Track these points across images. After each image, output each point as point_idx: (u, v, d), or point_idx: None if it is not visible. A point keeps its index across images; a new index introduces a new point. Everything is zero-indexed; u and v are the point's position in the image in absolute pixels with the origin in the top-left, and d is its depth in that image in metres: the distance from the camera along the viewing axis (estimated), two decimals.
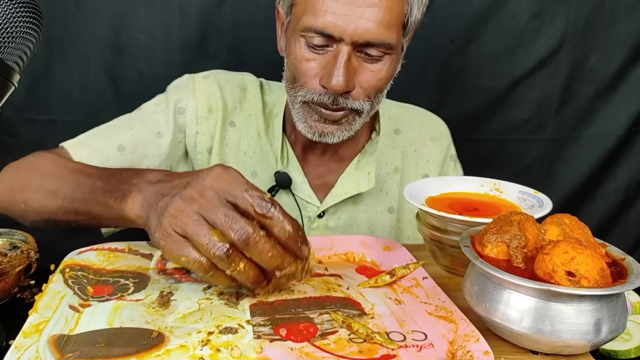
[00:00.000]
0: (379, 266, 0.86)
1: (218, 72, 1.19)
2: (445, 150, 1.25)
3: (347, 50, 0.94)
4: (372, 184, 1.14)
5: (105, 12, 1.49)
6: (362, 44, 0.94)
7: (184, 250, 0.66)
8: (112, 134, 1.08)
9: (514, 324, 0.63)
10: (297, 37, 0.98)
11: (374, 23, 0.93)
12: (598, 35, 1.67)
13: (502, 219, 0.70)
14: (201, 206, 0.67)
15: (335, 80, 0.94)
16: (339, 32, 0.93)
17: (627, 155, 1.80)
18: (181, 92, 1.14)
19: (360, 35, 0.93)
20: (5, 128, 1.53)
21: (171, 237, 0.67)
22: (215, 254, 0.65)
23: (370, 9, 0.92)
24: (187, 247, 0.66)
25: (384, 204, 1.19)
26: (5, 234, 0.81)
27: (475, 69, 1.68)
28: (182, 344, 0.62)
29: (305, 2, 0.96)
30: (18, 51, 0.61)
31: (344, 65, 0.94)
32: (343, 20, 0.92)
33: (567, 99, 1.73)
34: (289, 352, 0.61)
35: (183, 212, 0.67)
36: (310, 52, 0.97)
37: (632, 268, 0.63)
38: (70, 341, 0.62)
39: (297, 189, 1.15)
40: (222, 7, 1.52)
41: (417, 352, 0.63)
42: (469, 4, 1.62)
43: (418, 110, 1.28)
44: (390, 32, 0.95)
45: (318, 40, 0.95)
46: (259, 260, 0.66)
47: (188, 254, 0.66)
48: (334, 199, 1.14)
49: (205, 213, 0.66)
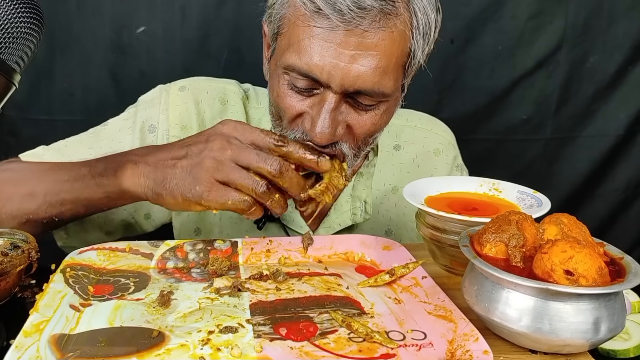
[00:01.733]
0: (378, 265, 0.86)
1: (197, 80, 1.10)
2: (451, 162, 1.16)
3: (334, 98, 0.82)
4: (368, 214, 1.06)
5: (107, 12, 1.50)
6: (352, 92, 0.83)
7: (229, 195, 0.76)
8: (69, 151, 1.01)
9: (513, 323, 0.63)
10: (281, 74, 0.86)
11: (367, 70, 0.80)
12: (597, 35, 1.68)
13: (500, 218, 0.70)
14: (233, 153, 0.76)
15: (319, 130, 0.82)
16: (326, 78, 0.81)
17: (626, 155, 1.81)
18: (152, 109, 1.05)
19: (350, 83, 0.81)
20: (7, 128, 1.54)
21: (215, 186, 0.76)
22: (259, 191, 0.76)
23: (363, 54, 0.79)
24: (230, 191, 0.76)
25: (381, 227, 1.11)
26: (6, 233, 0.81)
27: (474, 69, 1.68)
28: (182, 343, 0.62)
29: (290, 37, 0.83)
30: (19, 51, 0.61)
31: (330, 114, 0.82)
32: (331, 65, 0.79)
33: (566, 99, 1.73)
34: (289, 351, 0.62)
35: (220, 162, 0.76)
36: (294, 93, 0.86)
37: (630, 267, 0.64)
38: (70, 340, 0.62)
39: (287, 219, 1.05)
40: (222, 8, 1.53)
41: (417, 352, 0.63)
42: (468, 5, 1.62)
43: (421, 118, 1.19)
44: (387, 80, 0.83)
45: (303, 83, 0.84)
46: (289, 186, 0.78)
47: (234, 198, 0.76)
48: (327, 231, 1.06)
49: (238, 158, 0.76)
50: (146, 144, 1.02)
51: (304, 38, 0.81)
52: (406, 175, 1.12)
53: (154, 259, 0.84)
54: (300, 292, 0.76)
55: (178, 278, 0.80)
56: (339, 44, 0.79)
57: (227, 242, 0.87)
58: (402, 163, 1.13)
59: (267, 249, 0.87)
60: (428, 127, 1.17)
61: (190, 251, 0.85)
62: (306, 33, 0.81)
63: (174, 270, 0.83)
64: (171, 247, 0.85)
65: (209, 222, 1.10)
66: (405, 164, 1.13)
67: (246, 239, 0.88)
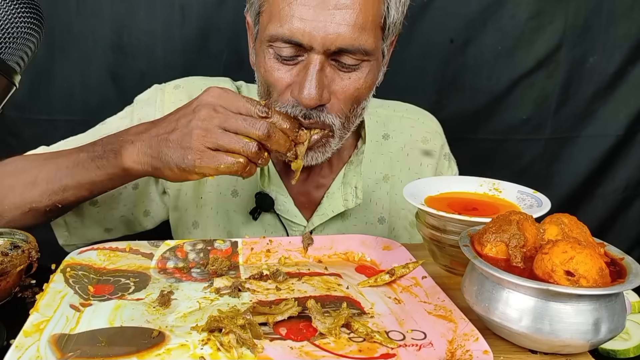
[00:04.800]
0: (378, 265, 0.86)
1: (192, 79, 1.12)
2: (439, 150, 1.19)
3: (319, 60, 0.86)
4: (359, 199, 1.08)
5: (107, 13, 1.50)
6: (335, 52, 0.86)
7: (220, 159, 0.78)
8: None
9: (513, 324, 0.63)
10: (265, 48, 0.90)
11: (346, 27, 0.84)
12: (597, 35, 1.68)
13: (501, 218, 0.70)
14: (220, 120, 0.78)
15: (307, 93, 0.86)
16: (307, 40, 0.84)
17: (626, 155, 1.81)
18: (148, 107, 1.07)
19: (331, 41, 0.84)
20: (7, 128, 1.54)
21: (205, 153, 0.78)
22: (251, 151, 0.78)
23: (341, 12, 0.84)
24: (222, 155, 0.78)
25: (374, 215, 1.13)
26: (6, 233, 0.81)
27: (474, 69, 1.68)
28: (182, 343, 0.62)
29: (271, 9, 0.88)
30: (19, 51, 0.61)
31: (316, 76, 0.86)
32: (312, 26, 0.84)
33: (566, 99, 1.73)
34: (289, 351, 0.62)
35: (207, 130, 0.78)
36: (280, 64, 0.89)
37: (630, 268, 0.64)
38: (71, 340, 0.62)
39: (281, 208, 1.08)
40: (222, 8, 1.53)
41: (417, 351, 0.63)
42: (468, 5, 1.62)
43: (408, 108, 1.22)
44: (366, 36, 0.87)
45: (287, 52, 0.87)
46: (277, 147, 0.81)
47: (226, 161, 0.78)
48: (321, 219, 1.09)
49: (226, 124, 0.78)
50: None
51: (283, 7, 0.86)
52: (396, 164, 1.15)
53: (154, 259, 0.84)
54: (300, 292, 0.76)
55: (178, 278, 0.80)
56: (317, 6, 0.84)
57: (227, 242, 0.87)
58: (392, 152, 1.16)
59: (267, 249, 0.88)
60: (415, 116, 1.21)
61: (190, 251, 0.85)
62: (285, 1, 0.86)
63: (174, 270, 0.83)
64: (171, 247, 0.85)
65: (206, 216, 1.11)
66: (394, 152, 1.16)
67: (246, 239, 0.88)
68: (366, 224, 1.13)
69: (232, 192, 1.10)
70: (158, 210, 1.12)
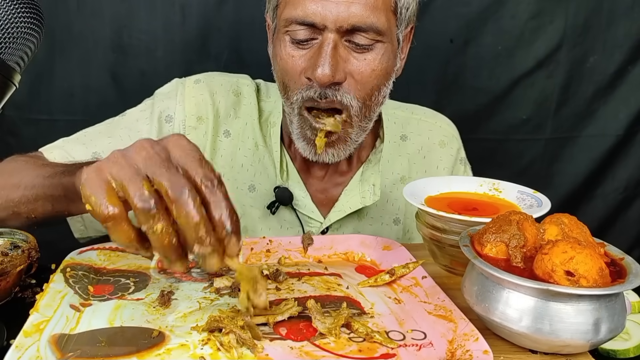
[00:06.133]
0: (378, 265, 0.86)
1: (212, 75, 1.14)
2: (455, 154, 1.20)
3: (332, 38, 0.88)
4: (377, 197, 1.09)
5: (107, 12, 1.50)
6: (348, 30, 0.89)
7: (99, 191, 0.58)
8: (89, 141, 1.04)
9: (513, 324, 0.63)
10: (282, 37, 0.93)
11: (358, 5, 0.87)
12: (597, 35, 1.68)
13: (501, 218, 0.70)
14: (147, 155, 0.59)
15: (320, 70, 0.87)
16: (320, 19, 0.88)
17: (626, 155, 1.81)
18: (169, 100, 1.08)
19: (344, 19, 0.87)
20: (7, 128, 1.54)
21: (99, 175, 0.59)
22: (139, 204, 0.56)
23: None
24: (104, 191, 0.58)
25: (389, 216, 1.14)
26: (6, 233, 0.81)
27: (474, 69, 1.68)
28: (182, 343, 0.62)
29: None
30: (19, 51, 0.61)
31: (330, 53, 0.88)
32: (324, 6, 0.87)
33: (566, 99, 1.74)
34: (289, 351, 0.62)
35: (125, 157, 0.60)
36: (296, 49, 0.92)
37: (630, 268, 0.64)
38: (71, 340, 0.62)
39: (299, 204, 1.09)
40: (222, 8, 1.53)
41: (417, 351, 0.63)
42: (468, 5, 1.62)
43: (425, 112, 1.23)
44: (378, 15, 0.89)
45: (302, 34, 0.90)
46: (185, 222, 0.57)
47: (99, 197, 0.57)
48: (338, 215, 1.10)
49: (147, 163, 0.59)
50: (163, 133, 1.05)
51: None
52: (413, 166, 1.16)
53: (154, 259, 0.84)
54: (300, 292, 0.76)
55: (178, 278, 0.80)
56: None
57: None
58: (409, 154, 1.16)
59: (267, 249, 0.88)
60: (432, 120, 1.22)
61: None
62: None
63: (174, 270, 0.83)
64: None
65: None
66: (412, 154, 1.17)
67: (246, 239, 0.88)
68: (382, 224, 1.14)
69: (249, 187, 1.10)
70: None
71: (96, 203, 0.57)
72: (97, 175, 0.59)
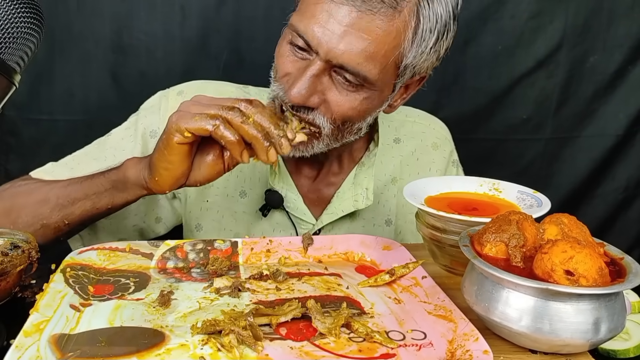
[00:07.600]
0: (378, 265, 0.86)
1: (194, 83, 1.13)
2: (448, 156, 1.20)
3: (319, 66, 0.87)
4: (370, 201, 1.09)
5: (107, 12, 1.50)
6: (336, 65, 0.87)
7: (194, 117, 0.77)
8: (76, 165, 1.05)
9: (513, 323, 0.63)
10: (287, 32, 0.93)
11: (355, 49, 0.85)
12: (597, 35, 1.68)
13: (501, 218, 0.70)
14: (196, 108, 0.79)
15: (295, 90, 0.87)
16: (316, 43, 0.86)
17: (626, 155, 1.81)
18: (152, 115, 1.08)
19: (335, 55, 0.85)
20: (7, 128, 1.54)
21: (184, 111, 0.79)
22: (223, 113, 0.77)
23: (356, 34, 0.85)
24: (194, 115, 0.78)
25: (381, 217, 1.14)
26: (6, 233, 0.81)
27: (474, 69, 1.68)
28: (182, 343, 0.62)
29: (303, 3, 0.91)
30: (19, 51, 0.61)
31: (310, 79, 0.87)
32: (324, 34, 0.85)
33: (566, 98, 1.73)
34: (289, 351, 0.62)
35: (192, 101, 0.81)
36: (291, 52, 0.91)
37: (630, 267, 0.64)
38: (71, 340, 0.62)
39: (290, 206, 1.09)
40: (222, 8, 1.53)
41: (417, 351, 0.63)
42: (468, 4, 1.62)
43: (419, 114, 1.23)
44: (372, 65, 0.87)
45: (301, 43, 0.89)
46: (260, 119, 0.78)
47: (200, 117, 0.77)
48: (330, 217, 1.09)
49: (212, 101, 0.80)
50: (149, 149, 1.06)
51: (312, 3, 0.87)
52: (406, 168, 1.16)
53: (154, 259, 0.84)
54: (300, 292, 0.76)
55: (178, 278, 0.80)
56: (339, 20, 0.85)
57: (227, 242, 0.87)
58: (402, 155, 1.17)
59: (267, 249, 0.88)
60: (426, 122, 1.22)
61: (190, 251, 0.85)
62: (316, 2, 0.87)
63: (174, 270, 0.83)
64: (171, 247, 0.85)
65: (211, 219, 1.11)
66: (405, 156, 1.17)
67: (246, 239, 0.88)
68: (374, 225, 1.14)
69: (240, 193, 1.10)
70: (169, 216, 1.13)
71: (198, 120, 0.77)
72: (183, 112, 0.79)
